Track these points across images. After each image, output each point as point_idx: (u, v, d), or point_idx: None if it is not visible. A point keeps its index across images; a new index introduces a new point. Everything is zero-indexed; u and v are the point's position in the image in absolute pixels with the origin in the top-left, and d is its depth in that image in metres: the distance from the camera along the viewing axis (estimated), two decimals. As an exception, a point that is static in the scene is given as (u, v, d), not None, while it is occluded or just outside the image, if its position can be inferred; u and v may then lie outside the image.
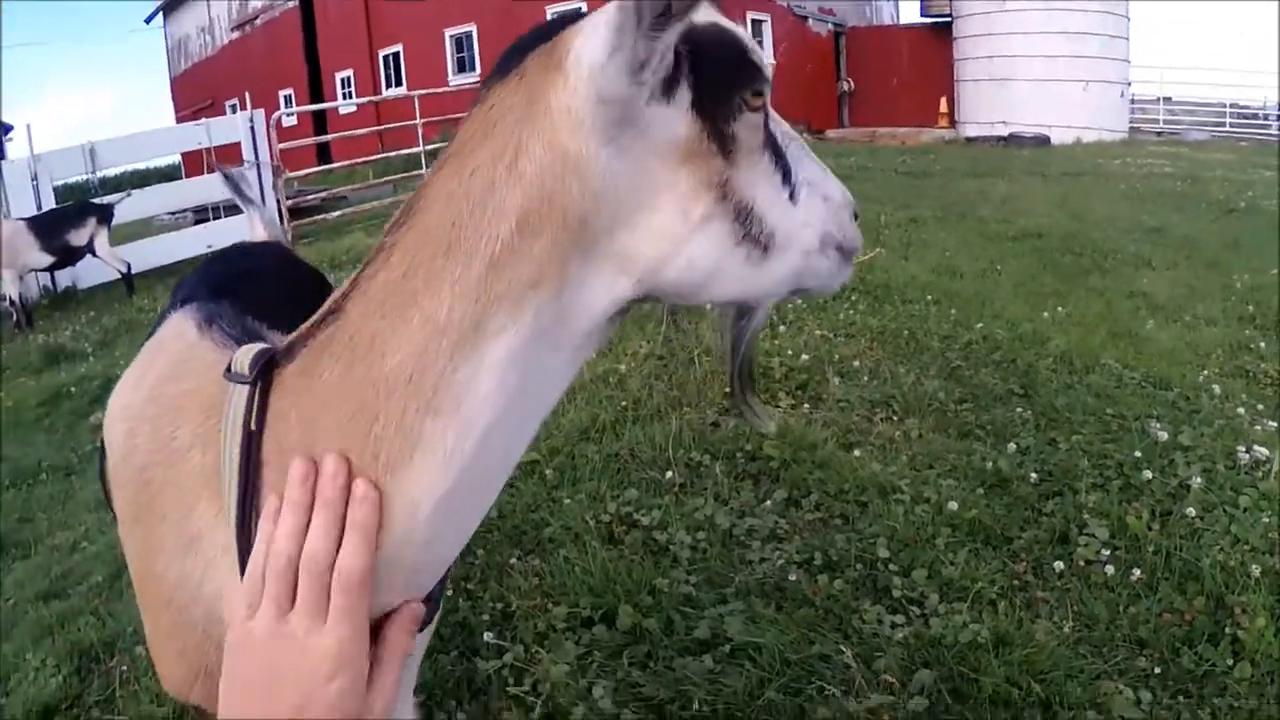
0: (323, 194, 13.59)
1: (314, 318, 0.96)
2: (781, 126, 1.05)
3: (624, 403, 4.07)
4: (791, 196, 1.02)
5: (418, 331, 0.87)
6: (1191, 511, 2.97)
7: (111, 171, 12.28)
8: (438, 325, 0.86)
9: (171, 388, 1.05)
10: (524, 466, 3.49)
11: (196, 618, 0.95)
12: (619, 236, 0.92)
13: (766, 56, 1.02)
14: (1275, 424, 3.78)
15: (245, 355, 0.96)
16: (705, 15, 0.93)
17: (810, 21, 22.92)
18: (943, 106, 22.40)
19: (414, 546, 0.90)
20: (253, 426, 0.92)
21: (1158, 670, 2.36)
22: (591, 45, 0.86)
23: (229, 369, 0.96)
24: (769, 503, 3.23)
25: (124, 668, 2.73)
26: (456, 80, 21.00)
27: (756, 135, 0.97)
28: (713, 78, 0.92)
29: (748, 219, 0.96)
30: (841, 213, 1.09)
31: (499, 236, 0.87)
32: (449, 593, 2.72)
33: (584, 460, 3.57)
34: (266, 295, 1.42)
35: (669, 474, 3.43)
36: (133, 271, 9.74)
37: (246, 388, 0.93)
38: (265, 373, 0.95)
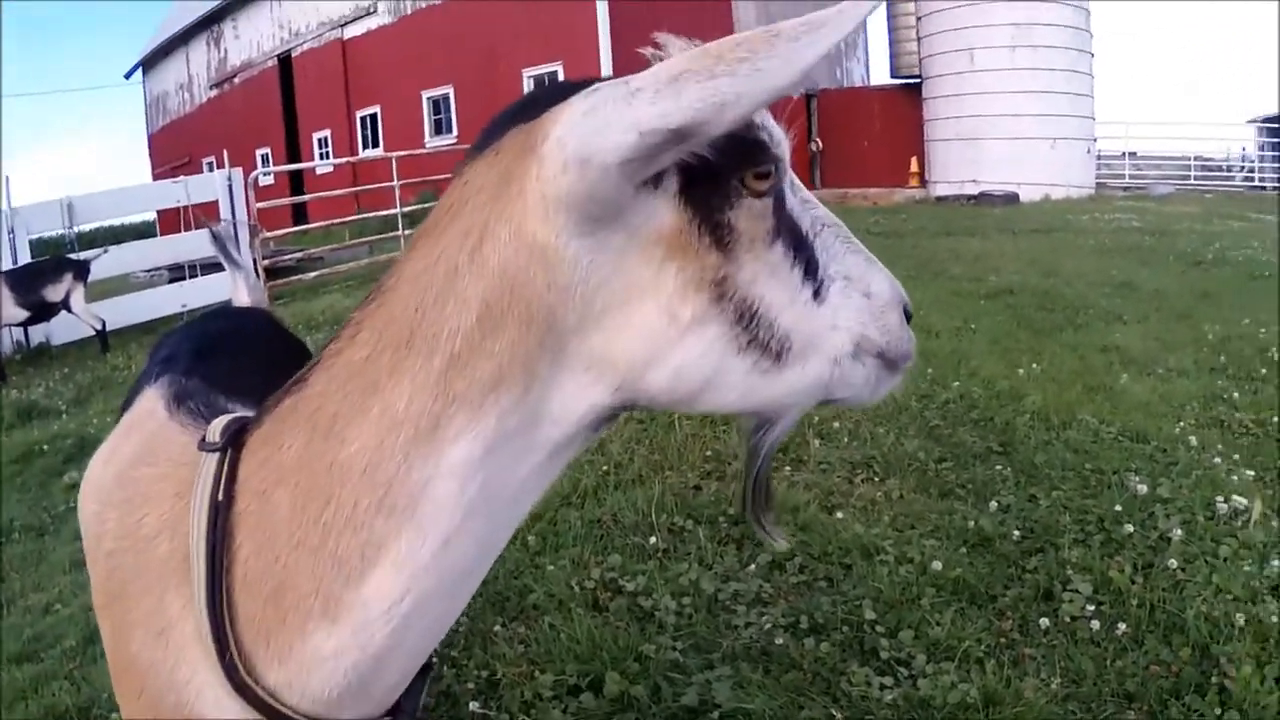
0: (299, 254, 13.61)
1: (284, 386, 0.93)
2: (813, 211, 0.94)
3: (605, 468, 4.07)
4: (817, 294, 0.90)
5: (375, 422, 0.82)
6: (1173, 563, 3.00)
7: (87, 227, 12.21)
8: (395, 419, 0.82)
9: (139, 471, 1.03)
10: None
11: (169, 706, 0.91)
12: (592, 338, 0.84)
13: (779, 131, 0.90)
14: (1252, 473, 3.82)
15: (219, 424, 0.95)
16: None
17: (783, 83, 23.25)
18: (913, 166, 22.74)
19: (368, 654, 0.85)
20: (220, 497, 0.88)
21: (1147, 725, 2.36)
22: (599, 142, 0.75)
23: (203, 439, 0.94)
24: (753, 566, 3.22)
25: (99, 736, 2.67)
26: (433, 142, 21.18)
27: (762, 224, 0.86)
28: (705, 158, 0.80)
29: (752, 323, 0.85)
30: (887, 313, 0.95)
31: (460, 329, 0.81)
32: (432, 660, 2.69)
33: (566, 526, 3.56)
34: (247, 364, 1.42)
35: (652, 539, 3.42)
36: (108, 328, 9.68)
37: (216, 456, 0.91)
38: (235, 441, 0.92)
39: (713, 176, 0.83)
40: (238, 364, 1.38)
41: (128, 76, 37.13)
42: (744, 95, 0.72)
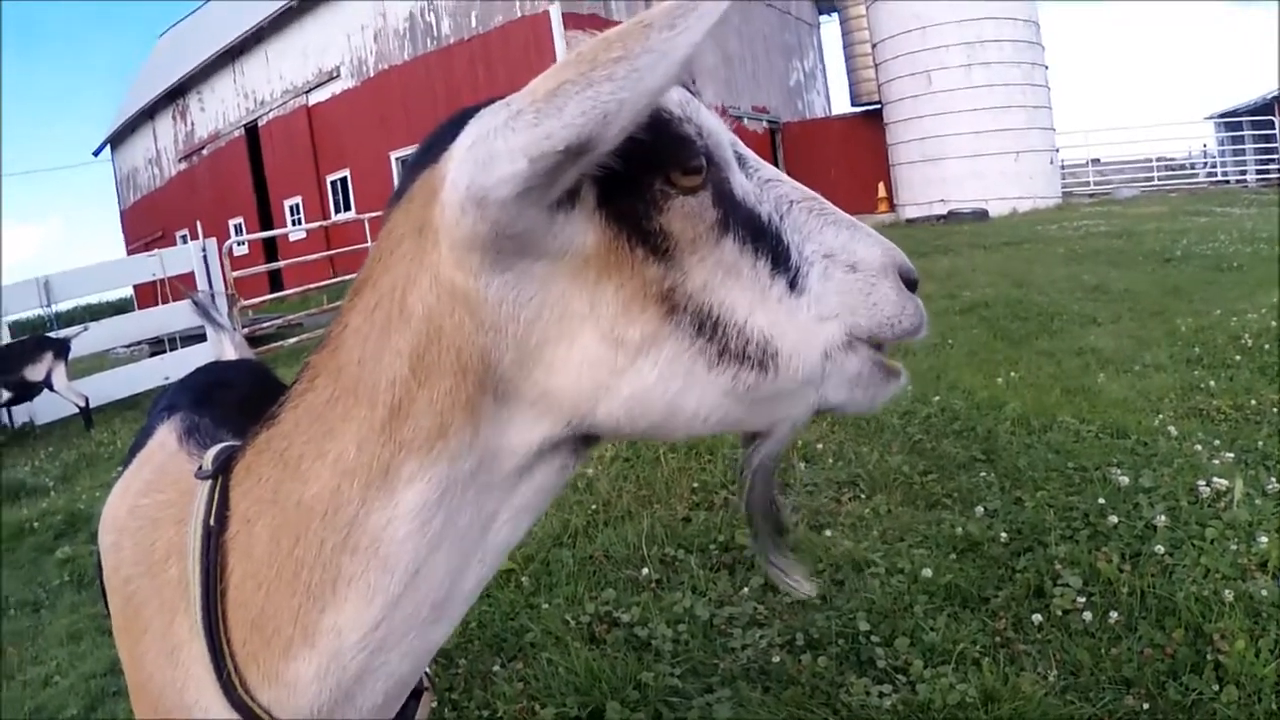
0: (278, 321, 13.59)
1: (262, 419, 0.95)
2: (776, 190, 0.87)
3: (594, 506, 4.10)
4: (794, 284, 0.82)
5: (331, 468, 0.84)
6: (1160, 549, 3.03)
7: (65, 305, 12.16)
8: (348, 466, 0.83)
9: (151, 499, 1.06)
10: (499, 576, 3.48)
11: None
12: (534, 374, 0.79)
13: (711, 119, 0.83)
14: (1232, 455, 3.86)
15: (211, 453, 0.99)
16: None
17: (746, 120, 23.56)
18: (881, 191, 23.03)
19: (348, 675, 0.87)
20: (212, 523, 0.91)
21: (1146, 706, 2.38)
22: (488, 177, 0.70)
23: (200, 468, 0.98)
24: (746, 590, 3.23)
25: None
26: (405, 201, 21.22)
27: (700, 223, 0.79)
28: (619, 166, 0.74)
29: (718, 331, 0.79)
30: (878, 286, 0.86)
31: (397, 380, 0.80)
32: (434, 704, 2.68)
33: (559, 565, 3.57)
34: (242, 406, 1.45)
35: (645, 571, 3.43)
36: (91, 405, 9.63)
37: (208, 484, 0.94)
38: (225, 469, 0.95)
39: (632, 183, 0.77)
40: (236, 406, 1.41)
41: (96, 154, 37.31)
42: (626, 101, 0.66)
